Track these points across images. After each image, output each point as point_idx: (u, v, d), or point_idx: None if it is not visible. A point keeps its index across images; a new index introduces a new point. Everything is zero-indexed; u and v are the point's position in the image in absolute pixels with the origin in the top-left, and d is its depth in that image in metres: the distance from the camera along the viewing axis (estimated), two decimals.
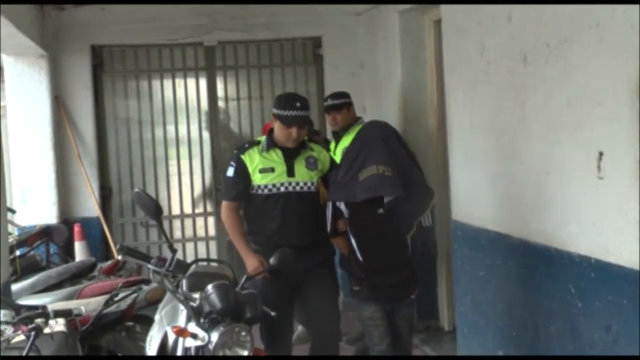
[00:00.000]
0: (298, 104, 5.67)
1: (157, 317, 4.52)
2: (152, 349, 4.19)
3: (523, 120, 5.46)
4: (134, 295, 5.55)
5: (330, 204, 5.78)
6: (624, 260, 4.41)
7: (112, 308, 5.39)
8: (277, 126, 5.76)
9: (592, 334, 4.79)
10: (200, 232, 9.46)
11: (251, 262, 5.61)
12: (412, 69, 7.96)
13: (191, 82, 9.36)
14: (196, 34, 9.11)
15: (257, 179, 5.75)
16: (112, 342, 5.44)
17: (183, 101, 9.33)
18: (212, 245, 9.45)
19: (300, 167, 5.83)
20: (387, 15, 8.24)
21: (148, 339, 4.36)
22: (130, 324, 5.60)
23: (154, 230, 9.12)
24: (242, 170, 5.77)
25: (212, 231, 9.44)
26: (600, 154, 4.55)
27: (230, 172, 5.84)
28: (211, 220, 9.44)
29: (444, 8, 6.77)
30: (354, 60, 9.22)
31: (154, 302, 5.32)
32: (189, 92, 9.34)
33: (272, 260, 4.85)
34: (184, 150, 9.36)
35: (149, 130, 9.29)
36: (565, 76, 4.87)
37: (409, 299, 5.83)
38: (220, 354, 3.84)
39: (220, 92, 9.44)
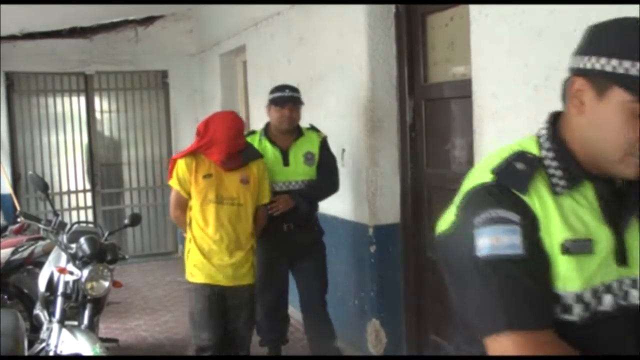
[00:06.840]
0: None
1: (47, 261, 4.44)
2: (42, 283, 4.12)
3: None
4: (33, 247, 5.43)
5: None
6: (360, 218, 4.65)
7: (17, 256, 5.28)
8: None
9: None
10: (81, 203, 9.16)
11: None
12: (229, 94, 7.99)
13: (75, 99, 9.02)
14: (80, 65, 8.81)
15: None
16: (16, 280, 5.33)
17: (69, 113, 8.99)
18: (89, 212, 9.19)
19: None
20: (212, 57, 8.24)
21: (40, 276, 4.27)
22: (30, 267, 5.48)
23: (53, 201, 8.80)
24: None
25: (89, 202, 9.19)
26: (343, 150, 4.78)
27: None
28: (88, 195, 9.18)
29: (249, 54, 6.84)
30: (190, 87, 9.12)
31: (48, 252, 5.15)
32: (73, 106, 9.01)
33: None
34: (70, 147, 9.04)
35: (46, 133, 8.91)
36: (323, 99, 5.06)
37: None
38: (89, 285, 3.81)
39: (97, 106, 9.13)
